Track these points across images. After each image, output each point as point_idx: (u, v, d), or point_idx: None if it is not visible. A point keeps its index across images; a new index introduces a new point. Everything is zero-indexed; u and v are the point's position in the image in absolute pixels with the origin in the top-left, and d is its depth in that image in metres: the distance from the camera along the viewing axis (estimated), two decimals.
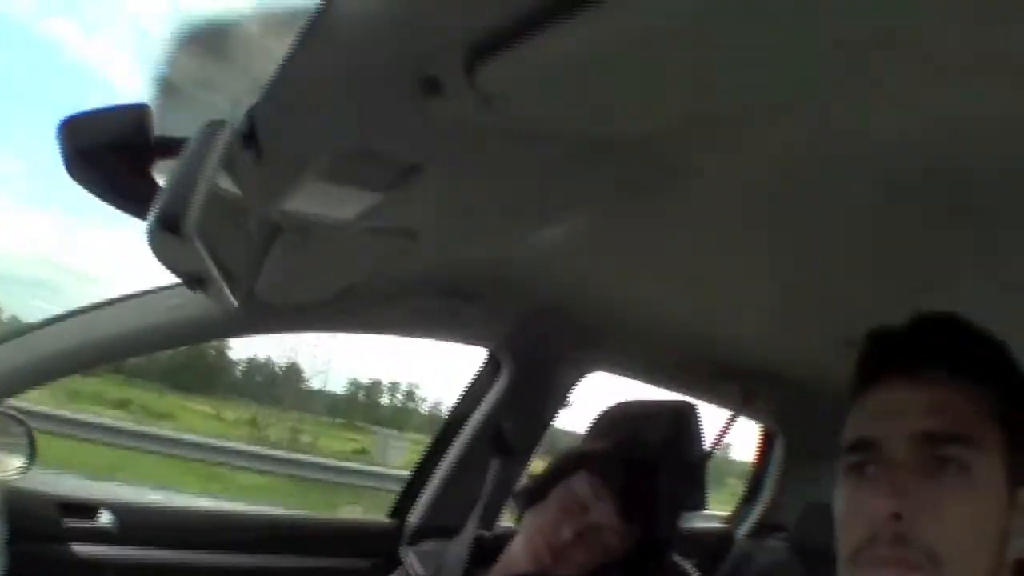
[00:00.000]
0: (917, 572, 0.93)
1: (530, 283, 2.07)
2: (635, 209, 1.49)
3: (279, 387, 20.79)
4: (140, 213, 1.19)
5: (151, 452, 9.51)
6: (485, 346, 2.59)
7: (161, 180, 1.25)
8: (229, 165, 0.99)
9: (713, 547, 2.14)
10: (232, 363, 22.43)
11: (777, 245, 1.75)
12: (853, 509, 1.02)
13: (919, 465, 0.97)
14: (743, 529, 4.06)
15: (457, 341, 2.50)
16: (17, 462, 2.07)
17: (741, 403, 3.31)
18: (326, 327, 2.19)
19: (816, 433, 3.86)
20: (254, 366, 22.51)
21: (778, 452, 4.07)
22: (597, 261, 1.90)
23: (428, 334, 2.37)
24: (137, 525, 2.30)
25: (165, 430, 10.65)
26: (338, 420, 22.59)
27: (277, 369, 21.73)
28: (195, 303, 1.91)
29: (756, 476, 4.19)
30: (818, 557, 3.28)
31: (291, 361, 20.81)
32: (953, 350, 1.02)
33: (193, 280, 1.43)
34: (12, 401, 1.97)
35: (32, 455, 2.06)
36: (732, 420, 3.69)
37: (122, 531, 2.24)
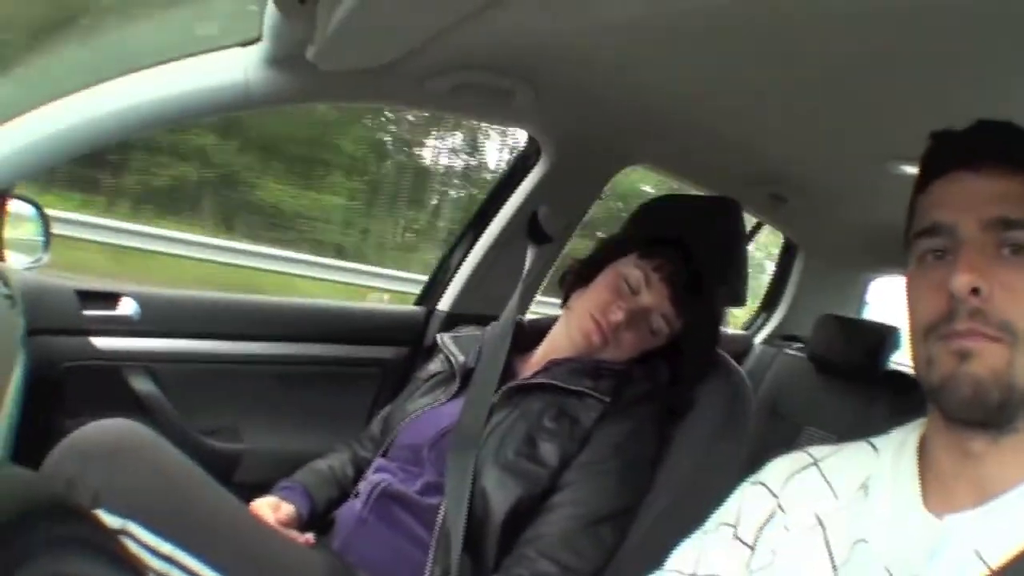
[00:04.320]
0: (996, 343, 0.98)
1: (580, 65, 2.03)
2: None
3: None
4: None
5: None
6: (527, 128, 2.56)
7: None
8: None
9: (733, 353, 2.18)
10: None
11: (821, 58, 1.74)
12: (929, 288, 1.06)
13: (993, 248, 1.01)
14: (760, 337, 4.14)
15: (500, 121, 2.48)
16: (31, 253, 2.05)
17: (769, 209, 3.34)
18: (372, 98, 2.15)
19: (836, 247, 3.93)
20: None
21: (798, 264, 4.13)
22: (649, 50, 1.88)
23: (472, 112, 2.34)
24: (160, 313, 2.31)
25: None
26: None
27: None
28: (235, 69, 1.88)
29: (774, 287, 4.27)
30: (832, 366, 3.38)
31: None
32: (1017, 145, 1.07)
33: None
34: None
35: (47, 242, 2.03)
36: (758, 226, 3.73)
37: (145, 320, 2.25)
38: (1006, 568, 0.94)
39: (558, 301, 2.21)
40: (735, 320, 4.42)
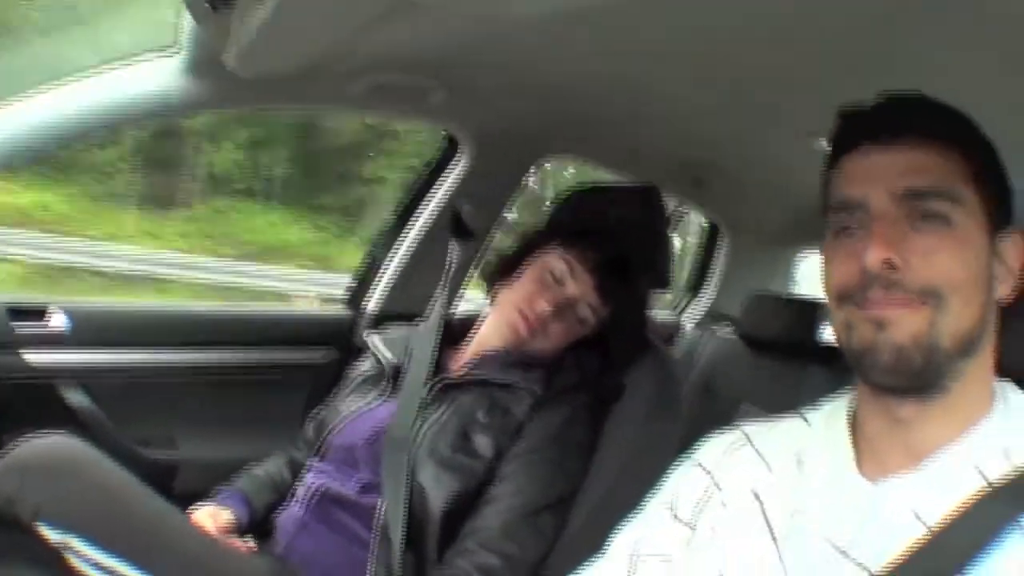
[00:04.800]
0: (915, 307, 1.02)
1: (493, 61, 2.07)
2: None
3: None
4: None
5: None
6: (444, 126, 2.60)
7: None
8: None
9: (663, 337, 2.22)
10: None
11: (736, 39, 1.79)
12: (843, 256, 1.09)
13: (905, 219, 1.05)
14: (689, 319, 4.19)
15: (417, 120, 2.51)
16: None
17: (691, 193, 3.39)
18: (292, 101, 2.18)
19: (761, 226, 3.98)
20: None
21: (723, 244, 4.18)
22: (561, 42, 1.92)
23: (389, 113, 2.36)
24: (91, 326, 2.31)
25: None
26: None
27: None
28: (155, 78, 1.90)
29: (700, 268, 4.31)
30: (764, 343, 3.42)
31: None
32: (923, 118, 1.11)
33: None
34: None
35: None
36: (680, 209, 3.78)
37: (76, 333, 2.26)
38: (944, 527, 0.98)
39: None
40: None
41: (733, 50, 1.87)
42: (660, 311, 4.24)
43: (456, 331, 2.21)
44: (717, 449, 1.30)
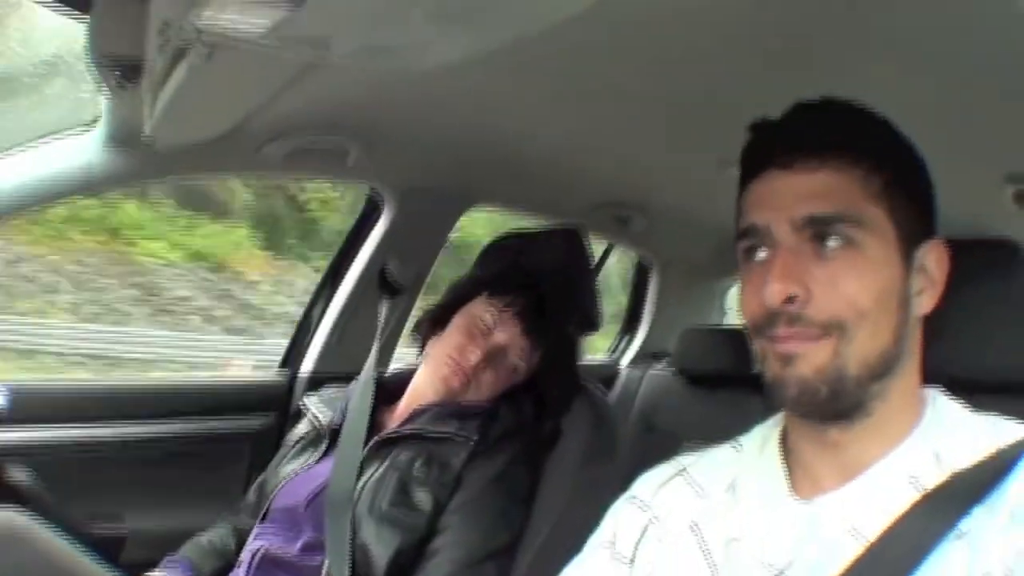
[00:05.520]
0: (820, 341, 1.03)
1: (409, 115, 2.10)
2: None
3: None
4: None
5: None
6: (366, 184, 2.63)
7: None
8: None
9: (601, 379, 2.24)
10: None
11: (647, 75, 1.83)
12: (752, 290, 1.10)
13: (808, 247, 1.05)
14: (626, 359, 4.22)
15: (339, 180, 2.52)
16: None
17: (616, 231, 3.43)
18: (213, 170, 2.19)
19: (689, 259, 4.02)
20: None
21: (653, 281, 4.22)
22: (475, 93, 1.96)
23: (310, 174, 2.38)
24: (32, 403, 2.31)
25: None
26: None
27: None
28: (77, 153, 1.91)
29: (632, 307, 4.35)
30: (701, 378, 3.45)
31: None
32: (825, 135, 1.10)
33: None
34: None
35: None
36: (608, 249, 3.82)
37: (16, 411, 2.23)
38: (882, 540, 0.98)
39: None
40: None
41: (648, 88, 1.90)
42: (597, 356, 4.29)
43: (391, 388, 2.21)
44: (653, 482, 1.30)
